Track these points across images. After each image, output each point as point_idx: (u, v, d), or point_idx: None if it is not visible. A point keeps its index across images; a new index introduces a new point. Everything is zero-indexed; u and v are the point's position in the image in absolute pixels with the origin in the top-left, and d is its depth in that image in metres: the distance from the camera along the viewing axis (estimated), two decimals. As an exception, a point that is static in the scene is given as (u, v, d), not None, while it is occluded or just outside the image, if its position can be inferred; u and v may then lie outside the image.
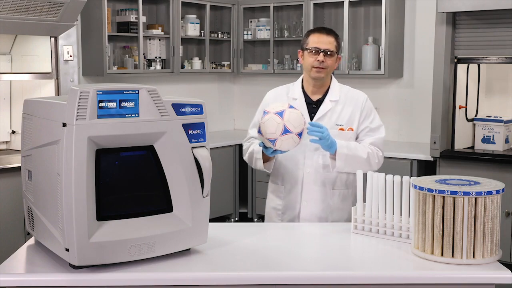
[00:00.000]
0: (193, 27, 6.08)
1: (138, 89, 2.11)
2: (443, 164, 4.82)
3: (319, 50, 2.87)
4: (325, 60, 2.86)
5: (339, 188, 2.93)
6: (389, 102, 5.84)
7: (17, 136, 4.82)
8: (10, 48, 4.86)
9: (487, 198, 2.15)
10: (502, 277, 2.12)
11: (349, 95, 2.99)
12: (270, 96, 3.05)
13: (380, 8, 5.49)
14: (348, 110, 2.95)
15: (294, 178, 2.93)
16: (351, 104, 2.96)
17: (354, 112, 2.95)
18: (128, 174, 2.19)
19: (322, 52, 2.86)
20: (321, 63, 2.86)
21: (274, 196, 3.03)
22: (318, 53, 2.86)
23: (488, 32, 4.69)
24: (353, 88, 3.04)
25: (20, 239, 4.11)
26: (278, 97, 3.01)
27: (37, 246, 2.35)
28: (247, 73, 6.53)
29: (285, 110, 2.60)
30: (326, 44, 2.88)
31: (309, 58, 2.89)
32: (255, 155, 2.89)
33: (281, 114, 2.59)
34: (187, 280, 2.12)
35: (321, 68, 2.87)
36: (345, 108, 2.95)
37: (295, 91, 2.99)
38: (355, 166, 2.79)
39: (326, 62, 2.87)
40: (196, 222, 2.24)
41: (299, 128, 2.60)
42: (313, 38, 2.90)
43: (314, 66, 2.87)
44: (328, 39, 2.89)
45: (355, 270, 2.23)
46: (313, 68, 2.88)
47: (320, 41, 2.88)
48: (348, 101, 2.96)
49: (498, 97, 5.20)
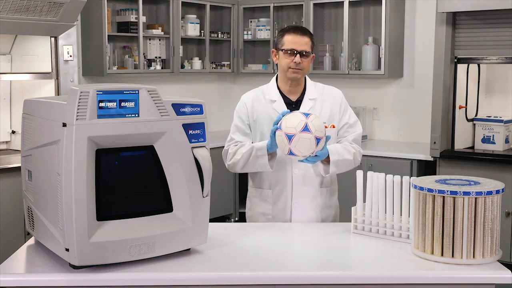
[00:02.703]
0: (193, 27, 6.08)
1: (138, 89, 2.11)
2: (443, 164, 4.82)
3: (296, 51, 2.82)
4: (302, 61, 2.82)
5: (326, 185, 2.93)
6: (389, 102, 5.84)
7: (17, 136, 4.82)
8: (10, 48, 4.86)
9: (487, 198, 2.15)
10: (502, 277, 2.12)
11: (326, 92, 2.97)
12: (246, 100, 2.97)
13: (380, 8, 5.49)
14: (327, 107, 2.93)
15: (283, 181, 2.90)
16: (329, 100, 2.94)
17: (333, 108, 2.94)
18: (128, 174, 2.19)
19: (298, 53, 2.82)
20: (297, 64, 2.82)
21: (260, 201, 2.96)
22: (295, 54, 2.82)
23: (488, 32, 4.69)
24: (327, 85, 3.02)
25: (20, 239, 4.11)
26: (255, 100, 2.94)
27: (37, 246, 2.35)
28: (247, 73, 6.53)
29: (307, 123, 2.56)
30: (302, 45, 2.83)
31: (286, 59, 2.84)
32: (256, 152, 2.79)
33: (307, 129, 2.56)
34: (187, 280, 2.12)
35: (298, 69, 2.84)
36: (324, 106, 2.93)
37: (272, 93, 2.93)
38: (344, 168, 2.85)
39: (303, 63, 2.83)
40: (196, 222, 2.24)
41: (319, 133, 2.57)
42: (289, 39, 2.84)
43: (291, 67, 2.84)
44: (304, 40, 2.84)
45: (355, 270, 2.23)
46: (289, 69, 2.84)
47: (296, 42, 2.83)
48: (326, 98, 2.94)
49: (498, 97, 5.20)
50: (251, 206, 3.03)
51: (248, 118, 2.94)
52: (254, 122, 2.93)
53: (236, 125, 2.97)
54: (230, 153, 2.89)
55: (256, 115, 2.92)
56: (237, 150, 2.87)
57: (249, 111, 2.94)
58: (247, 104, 2.95)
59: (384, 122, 5.90)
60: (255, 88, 3.03)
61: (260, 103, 2.93)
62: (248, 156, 2.82)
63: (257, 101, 2.94)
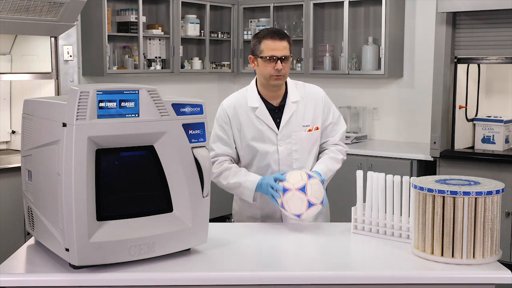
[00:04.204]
0: (193, 27, 6.08)
1: (138, 89, 2.11)
2: (443, 164, 4.82)
3: (276, 58, 2.74)
4: (283, 67, 2.74)
5: None
6: (389, 102, 5.84)
7: (17, 136, 4.82)
8: (10, 48, 4.86)
9: (487, 198, 2.15)
10: (502, 277, 2.12)
11: (307, 92, 2.91)
12: (228, 107, 2.86)
13: (380, 8, 5.49)
14: (310, 108, 2.88)
15: None
16: (311, 101, 2.89)
17: (316, 109, 2.89)
18: (128, 174, 2.19)
19: (279, 59, 2.74)
20: (279, 71, 2.74)
21: (247, 206, 2.92)
22: (275, 61, 2.74)
23: (488, 32, 4.69)
24: (307, 83, 2.96)
25: (20, 239, 4.11)
26: (237, 107, 2.84)
27: (37, 246, 2.35)
28: (247, 73, 6.52)
29: (306, 184, 2.54)
30: (281, 50, 2.74)
31: (266, 67, 2.75)
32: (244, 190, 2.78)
33: (303, 190, 2.54)
34: (187, 280, 2.12)
35: (280, 75, 2.77)
36: (307, 107, 2.88)
37: (253, 99, 2.84)
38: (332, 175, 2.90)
39: (284, 69, 2.75)
40: (196, 222, 2.24)
41: (321, 197, 2.59)
42: (268, 45, 2.75)
43: (273, 74, 2.75)
44: (282, 45, 2.75)
45: (355, 270, 2.23)
46: (271, 76, 2.76)
47: (276, 48, 2.74)
48: (308, 99, 2.89)
49: (498, 97, 5.20)
50: (238, 210, 3.02)
51: (231, 127, 2.85)
52: (238, 131, 2.85)
53: (217, 134, 2.87)
54: (214, 172, 2.80)
55: (239, 123, 2.84)
56: (223, 173, 2.82)
57: (232, 120, 2.85)
58: (228, 112, 2.85)
59: (384, 122, 5.89)
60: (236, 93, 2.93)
61: (242, 110, 2.85)
62: (234, 188, 2.83)
63: (239, 108, 2.85)
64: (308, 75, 5.91)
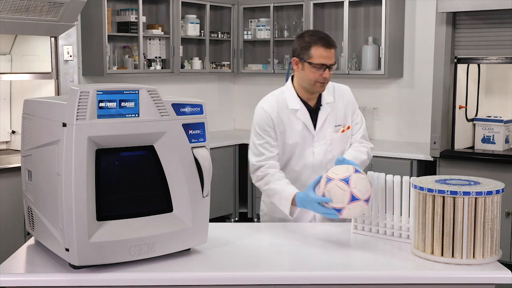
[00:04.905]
0: (193, 27, 6.08)
1: (138, 89, 2.11)
2: (443, 164, 4.82)
3: (326, 66, 2.72)
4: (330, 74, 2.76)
5: None
6: (389, 102, 5.84)
7: (17, 136, 4.82)
8: (10, 48, 4.86)
9: (487, 198, 2.15)
10: (502, 277, 2.12)
11: (337, 91, 2.92)
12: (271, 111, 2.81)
13: (380, 8, 5.49)
14: (340, 107, 2.91)
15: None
16: (341, 100, 2.91)
17: (346, 108, 2.92)
18: (128, 174, 2.19)
19: (328, 67, 2.73)
20: (325, 79, 2.74)
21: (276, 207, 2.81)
22: (324, 69, 2.72)
23: (488, 32, 4.69)
24: (334, 82, 2.96)
25: (20, 239, 4.11)
26: (280, 111, 2.81)
27: (37, 246, 2.35)
28: (247, 73, 6.53)
29: (351, 175, 2.36)
30: (330, 58, 2.73)
31: (313, 73, 2.73)
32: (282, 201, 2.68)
33: (347, 181, 2.35)
34: (187, 280, 2.12)
35: (325, 83, 2.77)
36: (338, 107, 2.90)
37: (293, 102, 2.83)
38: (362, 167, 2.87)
39: (330, 76, 2.77)
40: (196, 222, 2.24)
41: (367, 194, 2.36)
42: (320, 52, 2.71)
43: (319, 81, 2.75)
44: (332, 53, 2.74)
45: (355, 270, 2.23)
46: (317, 82, 2.76)
47: (327, 56, 2.72)
48: (338, 98, 2.91)
49: (498, 97, 5.20)
50: (268, 211, 2.96)
51: (275, 130, 2.82)
52: (280, 134, 2.83)
53: (264, 138, 2.80)
54: (259, 175, 2.79)
55: (282, 126, 2.83)
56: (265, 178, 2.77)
57: (275, 123, 2.82)
58: (272, 116, 2.81)
59: (384, 122, 5.90)
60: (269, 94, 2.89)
61: (283, 112, 2.82)
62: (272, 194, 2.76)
63: (281, 111, 2.82)
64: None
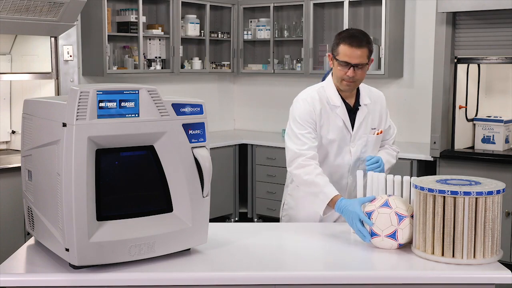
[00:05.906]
0: (193, 27, 6.08)
1: (138, 89, 2.11)
2: (443, 164, 4.82)
3: (350, 64, 2.69)
4: (355, 73, 2.70)
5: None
6: (389, 102, 5.73)
7: (17, 136, 4.82)
8: (10, 48, 4.86)
9: (488, 198, 2.15)
10: (502, 277, 2.12)
11: (373, 95, 2.93)
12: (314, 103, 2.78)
13: (380, 8, 5.49)
14: (376, 111, 2.91)
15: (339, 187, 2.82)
16: (377, 104, 2.93)
17: (381, 113, 2.94)
18: (128, 174, 2.18)
19: (352, 66, 2.69)
20: (351, 78, 2.71)
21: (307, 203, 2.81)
22: (348, 67, 2.70)
23: (488, 32, 4.69)
24: (371, 87, 2.97)
25: (20, 239, 4.11)
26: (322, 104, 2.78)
27: (37, 246, 2.35)
28: (247, 73, 6.53)
29: (388, 199, 2.36)
30: (357, 58, 2.68)
31: (340, 70, 2.72)
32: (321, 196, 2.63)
33: (386, 204, 2.35)
34: (187, 280, 2.12)
35: (351, 81, 2.74)
36: (375, 110, 2.91)
37: (334, 98, 2.80)
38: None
39: (356, 75, 2.71)
40: (196, 222, 2.24)
41: (410, 210, 2.34)
42: (344, 50, 2.69)
43: (344, 79, 2.73)
44: (359, 53, 2.68)
45: (355, 270, 2.23)
46: (343, 80, 2.75)
47: (351, 55, 2.68)
48: (373, 102, 2.91)
49: (498, 97, 5.20)
50: (294, 206, 2.94)
51: (315, 122, 2.79)
52: (320, 128, 2.80)
53: (306, 129, 2.76)
54: (301, 163, 2.71)
55: (322, 120, 2.80)
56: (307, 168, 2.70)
57: (317, 116, 2.79)
58: (315, 108, 2.78)
59: (384, 122, 5.88)
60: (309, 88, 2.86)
61: (324, 107, 2.80)
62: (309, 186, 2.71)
63: (323, 105, 2.80)
64: (308, 75, 5.91)
